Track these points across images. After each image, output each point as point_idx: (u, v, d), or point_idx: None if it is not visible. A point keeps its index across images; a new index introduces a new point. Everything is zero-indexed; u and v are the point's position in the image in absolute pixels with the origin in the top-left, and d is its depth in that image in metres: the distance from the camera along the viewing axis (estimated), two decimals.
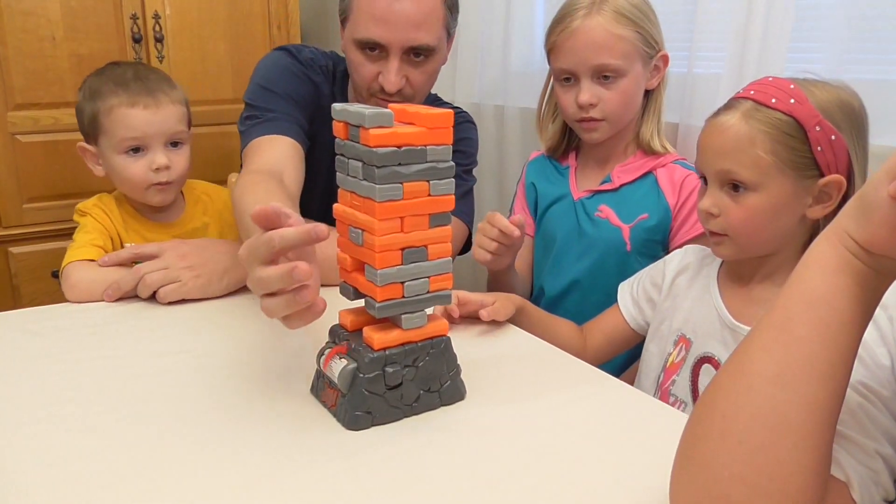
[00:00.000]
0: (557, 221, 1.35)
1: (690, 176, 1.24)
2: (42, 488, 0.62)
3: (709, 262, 1.04)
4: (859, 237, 0.50)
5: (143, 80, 1.24)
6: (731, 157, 0.90)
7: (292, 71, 1.29)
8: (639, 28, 1.19)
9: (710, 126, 0.94)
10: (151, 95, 1.22)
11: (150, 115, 1.21)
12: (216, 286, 1.08)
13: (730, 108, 0.92)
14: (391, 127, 0.67)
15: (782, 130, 0.87)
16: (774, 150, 0.87)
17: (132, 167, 1.22)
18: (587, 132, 1.27)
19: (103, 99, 1.21)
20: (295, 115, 1.24)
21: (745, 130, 0.88)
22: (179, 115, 1.26)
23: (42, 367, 0.86)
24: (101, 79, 1.25)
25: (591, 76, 1.21)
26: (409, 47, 1.18)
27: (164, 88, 1.25)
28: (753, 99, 0.90)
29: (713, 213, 0.93)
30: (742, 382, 0.52)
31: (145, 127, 1.21)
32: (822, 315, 0.51)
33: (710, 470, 0.51)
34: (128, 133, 1.21)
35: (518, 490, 0.63)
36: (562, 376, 0.86)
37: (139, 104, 1.21)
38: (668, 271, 1.08)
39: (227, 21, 1.97)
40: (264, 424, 0.73)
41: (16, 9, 1.71)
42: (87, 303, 1.07)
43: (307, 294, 0.66)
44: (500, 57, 1.82)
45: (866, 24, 1.12)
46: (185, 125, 1.28)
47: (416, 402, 0.75)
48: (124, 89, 1.22)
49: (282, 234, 0.66)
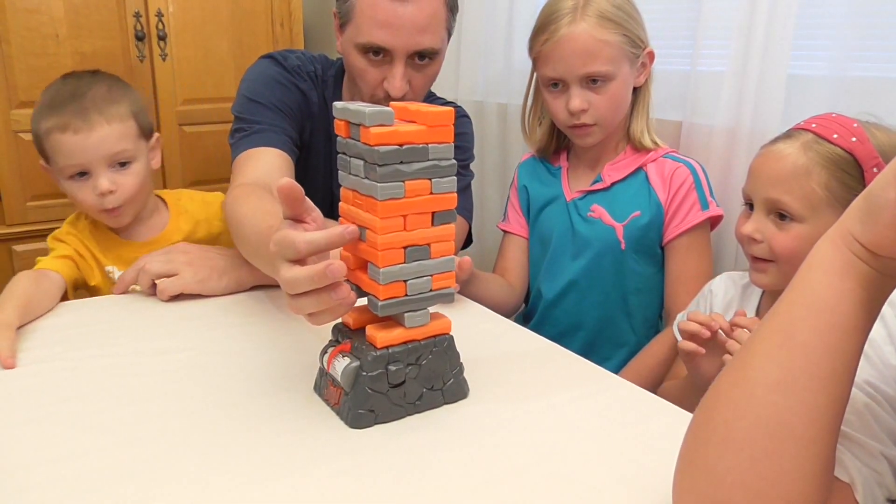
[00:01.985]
0: (551, 223, 1.34)
1: (680, 169, 1.24)
2: (44, 486, 0.62)
3: (750, 294, 1.04)
4: (865, 239, 0.49)
5: (78, 99, 1.12)
6: (784, 186, 0.89)
7: (278, 80, 1.27)
8: (624, 31, 1.19)
9: (766, 153, 0.94)
10: (83, 117, 1.11)
11: (81, 139, 1.11)
12: (215, 283, 1.09)
13: (789, 138, 0.92)
14: (392, 125, 0.67)
15: (840, 167, 0.87)
16: (829, 185, 0.87)
17: (80, 193, 1.14)
18: (580, 138, 1.26)
19: (39, 122, 1.13)
20: (283, 126, 1.22)
21: (803, 161, 0.88)
22: (119, 133, 1.14)
23: (43, 364, 0.86)
24: (42, 97, 1.16)
25: (579, 83, 1.20)
26: (413, 51, 1.16)
27: (101, 106, 1.13)
28: (814, 132, 0.90)
29: (756, 238, 0.92)
30: (744, 388, 0.51)
31: (80, 153, 1.12)
32: (825, 320, 0.50)
33: (712, 475, 0.51)
34: (65, 160, 1.12)
35: (521, 488, 0.63)
36: (565, 375, 0.86)
37: (69, 128, 1.10)
38: (716, 307, 1.07)
39: (230, 19, 1.97)
40: (267, 423, 0.73)
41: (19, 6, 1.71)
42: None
43: (340, 291, 0.65)
44: (503, 55, 1.82)
45: (870, 22, 1.12)
46: (129, 142, 1.16)
47: (419, 401, 0.75)
48: (56, 112, 1.11)
49: (308, 240, 0.65)
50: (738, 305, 1.05)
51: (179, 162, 1.97)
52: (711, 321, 0.91)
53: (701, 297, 1.12)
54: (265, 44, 2.02)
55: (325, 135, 1.31)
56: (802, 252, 0.89)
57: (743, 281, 1.06)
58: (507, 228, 1.43)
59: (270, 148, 1.17)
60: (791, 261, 0.91)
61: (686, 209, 1.23)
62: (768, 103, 1.21)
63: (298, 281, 0.64)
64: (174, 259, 1.08)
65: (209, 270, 1.09)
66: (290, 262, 0.66)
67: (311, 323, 0.69)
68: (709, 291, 1.11)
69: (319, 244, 0.65)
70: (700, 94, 1.34)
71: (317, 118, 1.30)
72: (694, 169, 1.24)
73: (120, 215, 1.16)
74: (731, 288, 1.07)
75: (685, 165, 1.24)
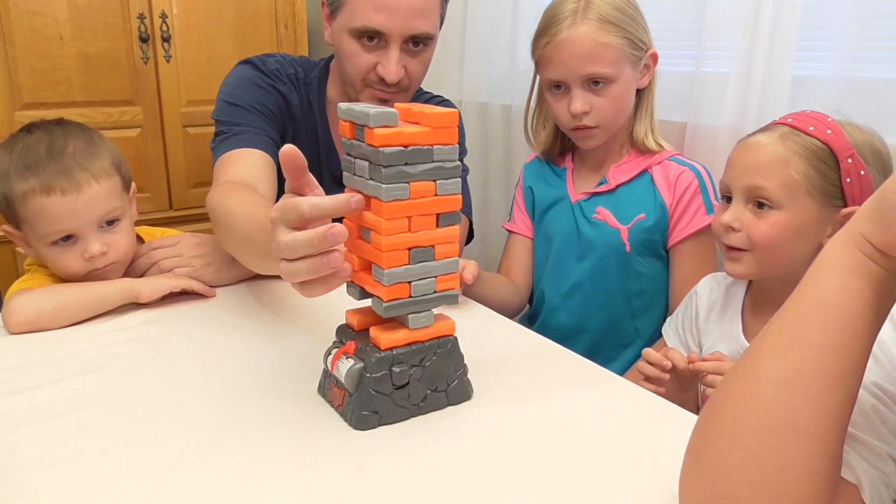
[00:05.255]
0: (556, 224, 1.34)
1: (685, 172, 1.24)
2: (49, 488, 0.62)
3: (734, 293, 1.05)
4: (876, 240, 0.49)
5: (56, 156, 1.00)
6: (764, 173, 0.92)
7: (257, 83, 1.25)
8: (625, 33, 1.18)
9: (743, 144, 0.97)
10: (68, 177, 0.99)
11: (70, 202, 0.98)
12: (226, 274, 1.12)
13: (766, 130, 0.95)
14: (396, 126, 0.67)
15: (816, 156, 0.90)
16: (806, 174, 0.90)
17: (63, 259, 1.02)
18: (583, 140, 1.26)
19: (13, 183, 0.99)
20: (264, 128, 1.21)
21: (781, 151, 0.91)
22: (108, 189, 1.03)
23: (46, 365, 0.86)
24: (10, 156, 1.00)
25: (581, 85, 1.20)
26: (409, 36, 1.16)
27: (85, 163, 1.01)
28: (791, 125, 0.93)
29: (734, 227, 0.94)
30: (752, 386, 0.51)
31: (68, 217, 0.99)
32: (834, 319, 0.50)
33: (718, 472, 0.51)
34: (50, 226, 0.99)
35: (525, 489, 0.63)
36: (568, 376, 0.86)
37: (55, 190, 0.98)
38: (701, 308, 1.09)
39: (235, 20, 1.97)
40: (271, 424, 0.73)
41: (23, 8, 1.72)
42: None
43: (335, 258, 0.64)
44: (508, 56, 1.82)
45: (874, 23, 1.11)
46: (117, 198, 1.04)
47: (423, 402, 0.75)
48: (34, 172, 0.98)
49: (313, 203, 0.64)
50: (723, 306, 1.06)
51: (184, 164, 1.97)
52: (664, 361, 0.93)
53: (688, 299, 1.13)
54: (269, 45, 2.03)
55: (312, 136, 1.31)
56: (779, 240, 0.91)
57: (727, 281, 1.07)
58: (512, 228, 1.43)
59: (252, 149, 1.16)
60: (767, 249, 0.93)
61: (691, 213, 1.23)
62: (773, 105, 1.21)
63: (297, 242, 0.63)
64: (185, 253, 1.10)
65: (219, 263, 1.11)
66: (290, 228, 0.64)
67: (302, 294, 0.67)
68: (694, 293, 1.12)
69: (325, 208, 0.64)
70: (704, 96, 1.34)
71: (299, 120, 1.29)
72: (699, 172, 1.24)
73: (111, 273, 1.06)
74: (716, 289, 1.09)
75: (690, 169, 1.24)
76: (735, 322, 1.02)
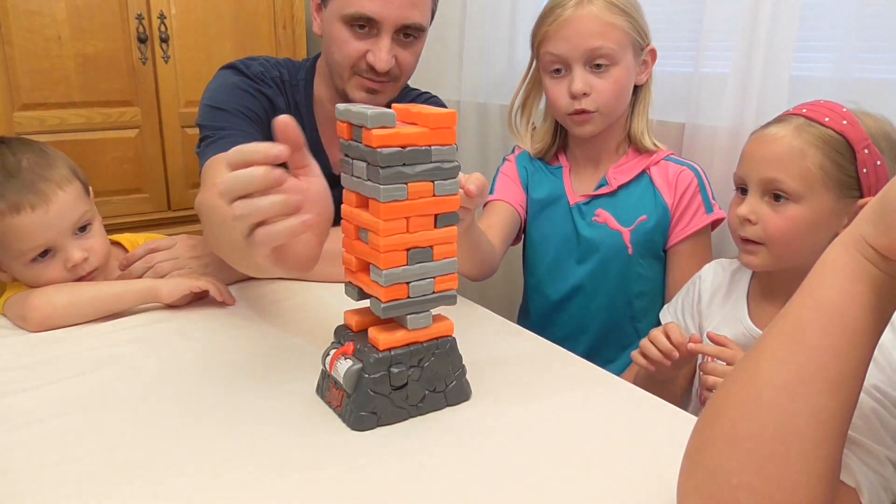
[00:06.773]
0: (553, 225, 1.32)
1: (684, 172, 1.24)
2: (48, 488, 0.62)
3: (739, 278, 1.05)
4: (878, 243, 0.49)
5: (15, 174, 0.99)
6: (780, 166, 0.91)
7: (241, 87, 1.23)
8: (630, 18, 1.18)
9: (758, 136, 0.96)
10: (34, 191, 0.98)
11: (42, 216, 0.98)
12: (223, 275, 1.12)
13: (781, 122, 0.94)
14: (394, 127, 0.67)
15: (833, 147, 0.89)
16: (823, 165, 0.89)
17: (46, 273, 1.02)
18: (579, 125, 1.23)
19: None
20: (249, 131, 1.19)
21: (797, 143, 0.90)
22: (74, 195, 1.02)
23: (45, 365, 0.86)
24: None
25: (583, 63, 1.18)
26: (401, 25, 1.15)
27: (45, 174, 1.00)
28: (805, 116, 0.92)
29: (751, 220, 0.94)
30: (751, 390, 0.51)
31: (42, 231, 0.99)
32: (835, 324, 0.49)
33: (717, 477, 0.50)
34: (26, 244, 0.99)
35: (524, 490, 0.62)
36: (567, 377, 0.86)
37: (25, 207, 0.97)
38: (704, 292, 1.08)
39: (233, 21, 1.97)
40: (270, 425, 0.73)
41: (21, 8, 1.71)
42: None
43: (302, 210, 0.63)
44: (506, 56, 1.82)
45: (873, 23, 1.11)
46: (84, 203, 1.04)
47: (422, 403, 0.75)
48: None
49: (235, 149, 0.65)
50: (727, 290, 1.05)
51: (182, 164, 1.97)
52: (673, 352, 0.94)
53: (690, 284, 1.13)
54: (267, 46, 2.02)
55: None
56: (795, 233, 0.91)
57: (732, 267, 1.07)
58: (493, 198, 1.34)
59: None
60: (783, 242, 0.92)
61: (692, 212, 1.23)
62: (771, 105, 1.21)
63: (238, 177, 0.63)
64: (182, 256, 1.10)
65: (217, 263, 1.11)
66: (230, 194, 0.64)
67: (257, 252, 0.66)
68: (698, 278, 1.11)
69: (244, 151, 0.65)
70: (703, 96, 1.33)
71: None
72: (697, 172, 1.24)
73: (96, 279, 1.06)
74: (721, 274, 1.08)
75: (689, 168, 1.24)
76: (741, 306, 1.01)
